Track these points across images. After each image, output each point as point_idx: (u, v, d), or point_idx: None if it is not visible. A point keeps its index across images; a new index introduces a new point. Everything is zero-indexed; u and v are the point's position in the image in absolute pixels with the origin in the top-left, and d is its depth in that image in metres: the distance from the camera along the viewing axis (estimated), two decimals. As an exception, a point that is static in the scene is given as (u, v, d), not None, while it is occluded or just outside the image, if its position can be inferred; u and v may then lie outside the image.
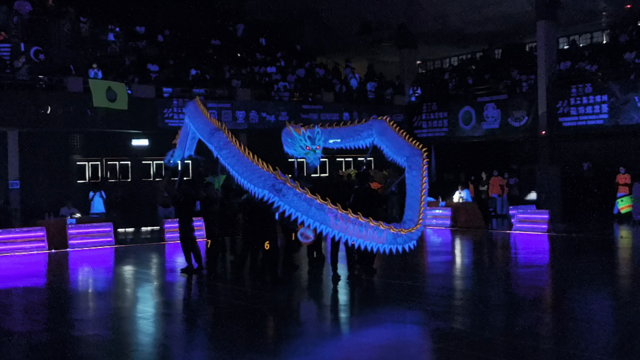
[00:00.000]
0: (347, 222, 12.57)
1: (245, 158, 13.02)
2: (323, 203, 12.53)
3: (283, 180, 12.54)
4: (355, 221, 12.63)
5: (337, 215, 12.52)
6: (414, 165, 14.32)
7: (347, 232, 12.65)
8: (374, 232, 12.75)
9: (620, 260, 18.03)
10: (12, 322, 11.91)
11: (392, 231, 12.91)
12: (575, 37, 34.64)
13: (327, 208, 12.49)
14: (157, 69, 28.96)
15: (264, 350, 9.44)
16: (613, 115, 26.37)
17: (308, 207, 12.47)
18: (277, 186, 12.50)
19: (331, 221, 12.52)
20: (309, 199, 12.48)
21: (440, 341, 9.63)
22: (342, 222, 12.55)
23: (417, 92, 34.39)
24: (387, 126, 15.05)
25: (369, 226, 12.71)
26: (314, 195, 12.58)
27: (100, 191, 24.75)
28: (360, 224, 12.65)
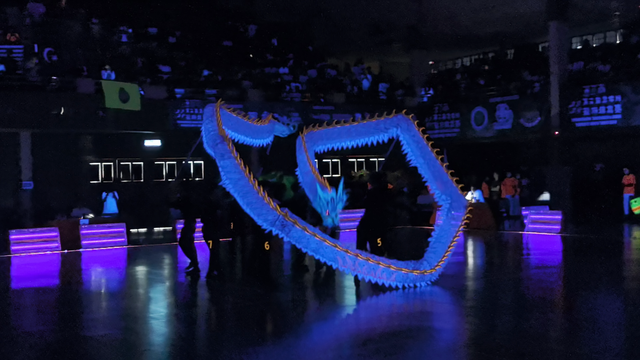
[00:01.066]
0: (355, 263, 12.71)
1: (251, 186, 12.93)
2: (332, 245, 12.63)
3: (292, 221, 12.58)
4: (364, 263, 12.76)
5: (346, 257, 12.64)
6: (457, 213, 14.31)
7: (355, 270, 12.81)
8: (382, 273, 12.94)
9: (633, 261, 17.94)
10: (26, 321, 11.97)
11: (403, 272, 13.07)
12: (587, 37, 34.50)
13: (336, 250, 12.62)
14: (168, 69, 29.03)
15: (274, 350, 9.44)
16: (626, 115, 26.25)
17: (317, 247, 12.61)
18: (284, 223, 12.58)
19: (339, 261, 12.67)
20: (318, 242, 12.60)
21: (451, 342, 9.60)
22: (350, 263, 12.70)
23: (429, 93, 34.33)
24: (414, 127, 14.80)
25: (379, 268, 12.86)
26: (321, 237, 12.66)
27: (112, 192, 24.84)
28: (370, 266, 12.81)
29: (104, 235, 22.21)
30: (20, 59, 25.89)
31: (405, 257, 15.64)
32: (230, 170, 13.03)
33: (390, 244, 15.63)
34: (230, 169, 13.03)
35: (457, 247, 20.20)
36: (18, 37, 26.68)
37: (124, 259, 20.01)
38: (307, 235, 12.57)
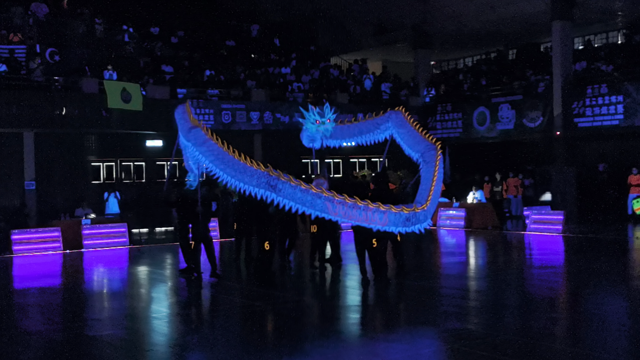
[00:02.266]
0: (345, 207, 12.50)
1: (230, 156, 12.81)
2: (318, 192, 12.49)
3: (276, 175, 12.49)
4: (353, 205, 12.53)
5: (335, 201, 12.45)
6: (429, 159, 14.18)
7: (347, 217, 12.60)
8: (374, 214, 12.62)
9: (635, 261, 17.92)
10: (28, 322, 11.97)
11: (393, 211, 12.74)
12: (590, 37, 34.46)
13: (323, 196, 12.46)
14: (171, 70, 29.06)
15: (279, 350, 9.44)
16: (629, 115, 26.22)
17: (305, 197, 12.45)
18: (271, 182, 12.44)
19: (329, 208, 12.49)
20: (305, 190, 12.45)
21: (454, 342, 9.59)
22: (340, 207, 12.49)
23: (432, 93, 34.31)
24: (403, 118, 14.93)
25: (368, 209, 12.59)
26: (308, 185, 12.57)
27: (115, 192, 24.86)
28: (359, 207, 12.55)
29: (106, 235, 22.23)
30: (23, 59, 25.91)
31: (411, 260, 15.68)
32: (209, 149, 12.97)
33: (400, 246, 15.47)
34: (208, 147, 12.96)
35: (458, 247, 20.28)
36: (21, 37, 26.71)
37: (126, 259, 20.02)
38: (295, 186, 12.41)
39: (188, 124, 13.97)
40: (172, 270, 18.19)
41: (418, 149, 14.59)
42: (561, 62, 28.74)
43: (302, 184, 12.53)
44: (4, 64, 24.79)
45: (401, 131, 14.83)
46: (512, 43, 35.90)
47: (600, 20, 31.60)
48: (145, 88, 26.46)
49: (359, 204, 12.58)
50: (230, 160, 12.79)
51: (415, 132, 14.75)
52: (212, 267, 15.45)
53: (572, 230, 22.42)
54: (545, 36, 32.44)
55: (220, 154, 12.91)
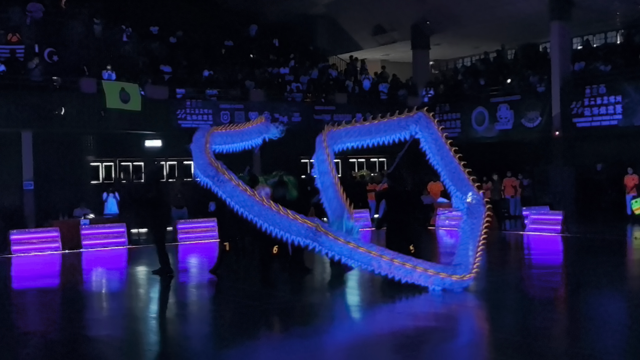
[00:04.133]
0: (392, 267, 12.65)
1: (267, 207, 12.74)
2: (367, 252, 12.61)
3: (324, 232, 12.55)
4: (400, 268, 12.66)
5: (381, 262, 12.60)
6: (476, 213, 13.92)
7: (392, 274, 12.71)
8: (419, 277, 12.76)
9: (634, 261, 17.93)
10: (27, 322, 11.97)
11: (441, 277, 12.81)
12: (589, 38, 34.47)
13: (371, 256, 12.59)
14: (170, 70, 29.04)
15: (277, 349, 9.43)
16: (627, 115, 26.22)
17: (352, 252, 12.59)
18: (317, 236, 12.55)
19: (376, 266, 12.65)
20: (352, 248, 12.57)
21: (453, 341, 9.59)
22: (386, 267, 12.65)
23: (430, 93, 34.30)
24: (432, 123, 14.56)
25: (416, 272, 12.71)
26: (355, 244, 12.63)
27: (114, 192, 24.85)
28: (407, 270, 12.68)
29: (105, 235, 22.18)
30: (21, 58, 25.89)
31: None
32: (241, 198, 12.92)
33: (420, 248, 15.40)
34: (240, 197, 12.92)
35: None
36: (19, 37, 26.68)
37: (124, 260, 20.00)
38: (340, 243, 12.56)
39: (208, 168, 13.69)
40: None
41: (463, 189, 14.24)
42: (560, 62, 28.74)
43: (350, 243, 12.60)
44: (2, 64, 24.76)
45: (430, 140, 14.41)
46: (511, 43, 35.89)
47: (599, 21, 31.59)
48: (143, 88, 26.43)
49: (407, 266, 12.69)
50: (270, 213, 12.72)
51: (458, 167, 14.36)
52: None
53: (571, 231, 22.41)
54: (544, 36, 32.42)
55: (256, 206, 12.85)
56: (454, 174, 14.31)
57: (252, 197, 12.80)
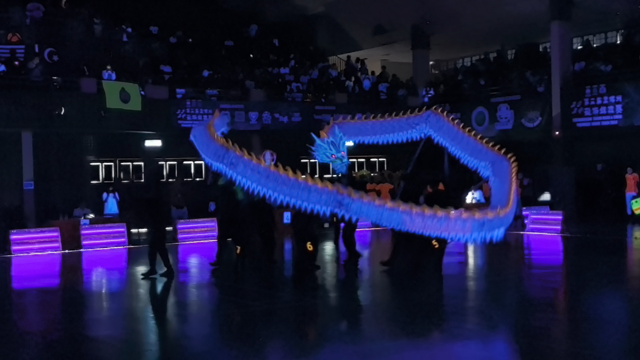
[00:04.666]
0: (424, 219, 11.93)
1: (285, 176, 12.46)
2: (394, 206, 12.04)
3: (347, 193, 12.11)
4: (432, 217, 11.95)
5: (412, 214, 11.94)
6: (500, 169, 13.51)
7: (426, 229, 12.02)
8: (455, 223, 11.99)
9: (634, 261, 17.93)
10: (27, 322, 11.96)
11: (477, 217, 12.07)
12: (589, 37, 34.46)
13: (399, 210, 12.01)
14: (170, 70, 29.03)
15: (278, 350, 9.43)
16: (627, 115, 26.21)
17: (380, 213, 12.08)
18: (342, 202, 12.03)
19: (407, 222, 12.02)
20: (380, 205, 12.04)
21: (454, 341, 9.59)
22: (419, 219, 11.95)
23: (430, 93, 34.29)
24: (443, 120, 14.38)
25: (451, 220, 11.97)
26: (380, 200, 12.16)
27: (114, 192, 24.85)
28: (440, 218, 11.94)
29: (105, 235, 22.20)
30: (21, 58, 25.87)
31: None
32: (257, 175, 12.58)
33: None
34: (256, 174, 12.46)
35: (458, 247, 20.28)
36: (19, 37, 26.67)
37: (124, 260, 20.01)
38: (369, 203, 11.98)
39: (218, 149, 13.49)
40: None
41: (484, 157, 13.94)
42: (560, 62, 28.73)
43: (376, 200, 12.12)
44: (2, 64, 24.75)
45: (444, 134, 14.25)
46: (511, 43, 35.87)
47: (599, 21, 31.58)
48: (143, 88, 26.42)
49: (438, 213, 11.98)
50: (291, 181, 12.29)
51: (469, 138, 14.06)
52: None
53: (571, 231, 22.41)
54: (544, 36, 32.41)
55: (274, 175, 12.50)
56: (473, 148, 14.03)
57: (272, 170, 12.47)
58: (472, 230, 11.96)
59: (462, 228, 11.97)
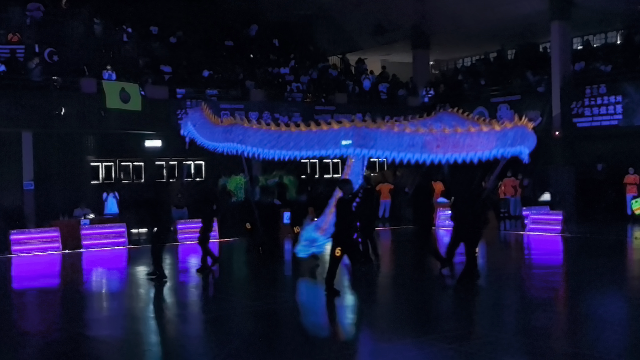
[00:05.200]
0: (446, 140, 11.60)
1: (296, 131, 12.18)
2: (414, 132, 11.62)
3: (365, 125, 11.80)
4: (453, 135, 11.60)
5: (437, 136, 11.54)
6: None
7: (449, 151, 11.66)
8: (478, 138, 11.68)
9: (634, 261, 17.93)
10: (27, 322, 11.97)
11: (497, 129, 11.77)
12: (589, 37, 34.46)
13: (418, 135, 11.61)
14: (170, 70, 29.03)
15: (277, 351, 9.43)
16: (627, 115, 26.21)
17: (400, 143, 11.72)
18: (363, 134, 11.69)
19: (431, 143, 11.66)
20: (399, 133, 11.65)
21: (453, 342, 9.59)
22: (443, 138, 11.59)
23: (431, 93, 34.29)
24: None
25: (469, 134, 11.61)
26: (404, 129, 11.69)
27: (114, 192, 24.84)
28: (461, 135, 11.57)
29: (105, 235, 22.18)
30: (21, 58, 25.88)
31: (411, 261, 15.57)
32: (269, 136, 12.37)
33: None
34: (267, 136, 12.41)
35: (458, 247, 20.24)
36: (19, 37, 26.67)
37: (124, 260, 20.00)
38: (386, 131, 11.59)
39: (223, 128, 13.40)
40: (170, 270, 18.17)
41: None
42: (560, 62, 28.73)
43: (407, 128, 11.55)
44: (2, 64, 24.75)
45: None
46: (511, 43, 35.87)
47: (599, 21, 31.59)
48: (144, 88, 26.43)
49: (458, 131, 11.55)
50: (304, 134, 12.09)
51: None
52: None
53: (571, 230, 22.41)
54: (544, 36, 32.42)
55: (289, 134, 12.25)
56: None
57: (282, 130, 12.33)
58: (496, 143, 11.66)
59: (486, 142, 11.66)
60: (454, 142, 11.66)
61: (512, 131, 11.73)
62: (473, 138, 11.64)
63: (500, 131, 11.69)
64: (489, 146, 11.66)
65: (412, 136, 11.72)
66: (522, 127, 11.85)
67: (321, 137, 12.22)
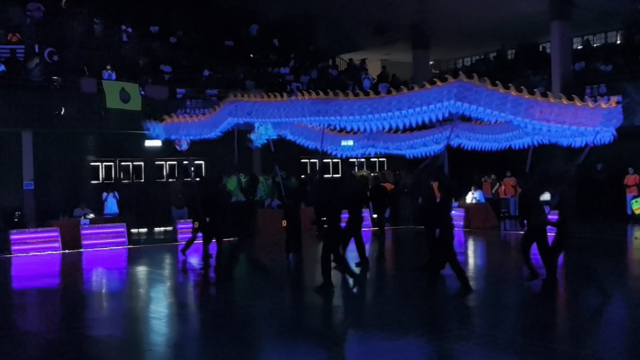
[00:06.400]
0: (551, 108, 11.50)
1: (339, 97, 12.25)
2: (518, 95, 11.57)
3: (472, 81, 11.88)
4: (558, 105, 11.53)
5: (540, 104, 11.44)
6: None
7: (552, 120, 11.61)
8: (584, 112, 11.62)
9: (634, 261, 17.92)
10: (27, 322, 11.96)
11: (603, 106, 11.76)
12: (589, 37, 34.45)
13: (523, 98, 11.52)
14: (170, 69, 29.02)
15: (276, 350, 9.42)
16: (627, 115, 26.13)
17: (503, 103, 11.67)
18: (465, 94, 11.83)
19: (531, 111, 11.58)
20: (504, 94, 11.61)
21: (452, 342, 9.58)
22: (545, 110, 11.54)
23: (430, 93, 34.21)
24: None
25: (576, 107, 11.52)
26: (504, 90, 11.66)
27: (113, 192, 24.83)
28: (567, 106, 11.51)
29: (105, 235, 22.18)
30: (21, 58, 25.88)
31: (411, 260, 15.57)
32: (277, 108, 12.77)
33: None
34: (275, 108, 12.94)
35: (457, 247, 20.26)
36: (19, 37, 26.67)
37: (124, 260, 20.00)
38: (490, 91, 11.57)
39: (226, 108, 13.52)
40: (170, 270, 18.20)
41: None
42: (560, 62, 28.73)
43: (501, 89, 11.49)
44: (2, 64, 24.75)
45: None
46: (511, 43, 35.85)
47: (599, 21, 31.57)
48: (143, 88, 26.42)
49: (564, 103, 11.40)
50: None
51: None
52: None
53: (570, 231, 22.33)
54: (544, 36, 32.41)
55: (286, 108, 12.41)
56: None
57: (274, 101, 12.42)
58: (601, 119, 11.76)
59: (591, 117, 11.66)
60: (558, 112, 11.60)
61: (616, 111, 11.97)
62: (579, 111, 11.63)
63: (607, 109, 11.77)
64: (594, 122, 11.74)
65: (516, 98, 11.67)
66: (619, 108, 12.11)
67: (425, 96, 12.13)
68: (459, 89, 11.81)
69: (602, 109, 11.66)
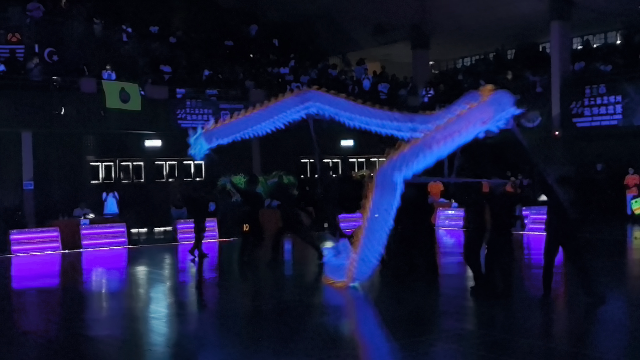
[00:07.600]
0: (443, 132, 11.81)
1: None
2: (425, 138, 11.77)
3: None
4: (449, 125, 11.81)
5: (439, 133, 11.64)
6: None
7: (454, 133, 11.79)
8: (473, 114, 11.79)
9: (634, 261, 17.92)
10: (27, 322, 11.96)
11: (484, 99, 11.88)
12: (589, 37, 34.45)
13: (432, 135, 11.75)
14: (170, 69, 29.02)
15: (277, 351, 9.42)
16: (627, 115, 26.20)
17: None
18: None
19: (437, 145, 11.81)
20: None
21: (452, 341, 9.59)
22: (446, 134, 11.73)
23: (430, 93, 34.26)
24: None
25: (462, 116, 11.72)
26: None
27: (113, 192, 24.83)
28: (456, 120, 11.72)
29: (105, 235, 22.19)
30: (21, 58, 25.87)
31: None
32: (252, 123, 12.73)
33: None
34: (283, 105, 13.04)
35: (457, 247, 20.28)
36: (19, 37, 26.65)
37: (124, 259, 20.00)
38: None
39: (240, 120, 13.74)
40: (170, 270, 18.20)
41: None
42: (559, 62, 28.73)
43: None
44: (2, 64, 24.75)
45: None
46: (511, 43, 35.86)
47: (599, 21, 31.58)
48: (143, 88, 26.42)
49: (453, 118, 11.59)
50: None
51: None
52: None
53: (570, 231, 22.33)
54: (543, 36, 32.41)
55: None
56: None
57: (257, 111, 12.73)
58: (494, 110, 11.88)
59: (482, 113, 11.83)
60: (452, 130, 11.85)
61: (499, 95, 11.93)
62: (469, 116, 11.80)
63: (489, 98, 11.85)
64: (489, 115, 11.91)
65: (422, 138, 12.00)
66: (502, 91, 12.05)
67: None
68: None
69: (487, 101, 11.79)
